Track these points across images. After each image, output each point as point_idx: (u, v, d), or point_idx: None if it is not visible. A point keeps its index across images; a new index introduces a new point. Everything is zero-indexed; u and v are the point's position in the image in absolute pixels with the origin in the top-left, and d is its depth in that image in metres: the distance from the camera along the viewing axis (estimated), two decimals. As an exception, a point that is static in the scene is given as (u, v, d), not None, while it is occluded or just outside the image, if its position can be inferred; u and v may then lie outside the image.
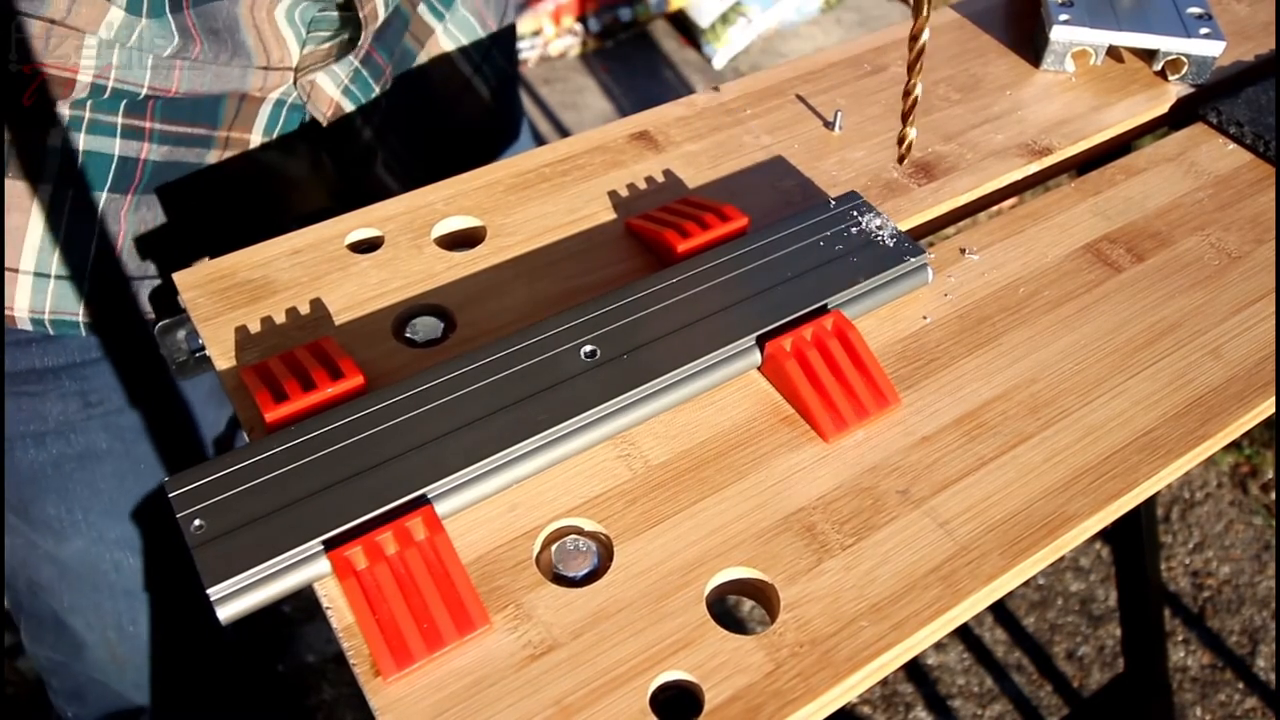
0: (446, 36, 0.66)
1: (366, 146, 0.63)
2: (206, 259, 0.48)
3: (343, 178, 0.64)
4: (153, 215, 0.57)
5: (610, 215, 0.52)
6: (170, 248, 0.59)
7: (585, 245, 0.50)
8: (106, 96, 0.52)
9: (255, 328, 0.46)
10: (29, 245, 0.54)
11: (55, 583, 0.69)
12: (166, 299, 0.59)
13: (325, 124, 0.59)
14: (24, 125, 0.51)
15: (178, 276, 0.47)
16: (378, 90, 0.60)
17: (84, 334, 0.59)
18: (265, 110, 0.56)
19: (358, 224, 0.50)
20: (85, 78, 0.50)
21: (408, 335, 0.46)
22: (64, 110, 0.51)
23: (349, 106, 0.59)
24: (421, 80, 0.64)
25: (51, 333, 0.58)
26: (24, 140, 0.52)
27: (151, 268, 0.59)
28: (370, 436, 0.39)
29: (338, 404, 0.41)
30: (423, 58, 0.65)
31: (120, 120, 0.53)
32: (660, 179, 0.54)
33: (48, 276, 0.56)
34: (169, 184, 0.56)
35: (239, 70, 0.54)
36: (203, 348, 0.46)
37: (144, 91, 0.52)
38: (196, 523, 0.36)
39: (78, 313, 0.58)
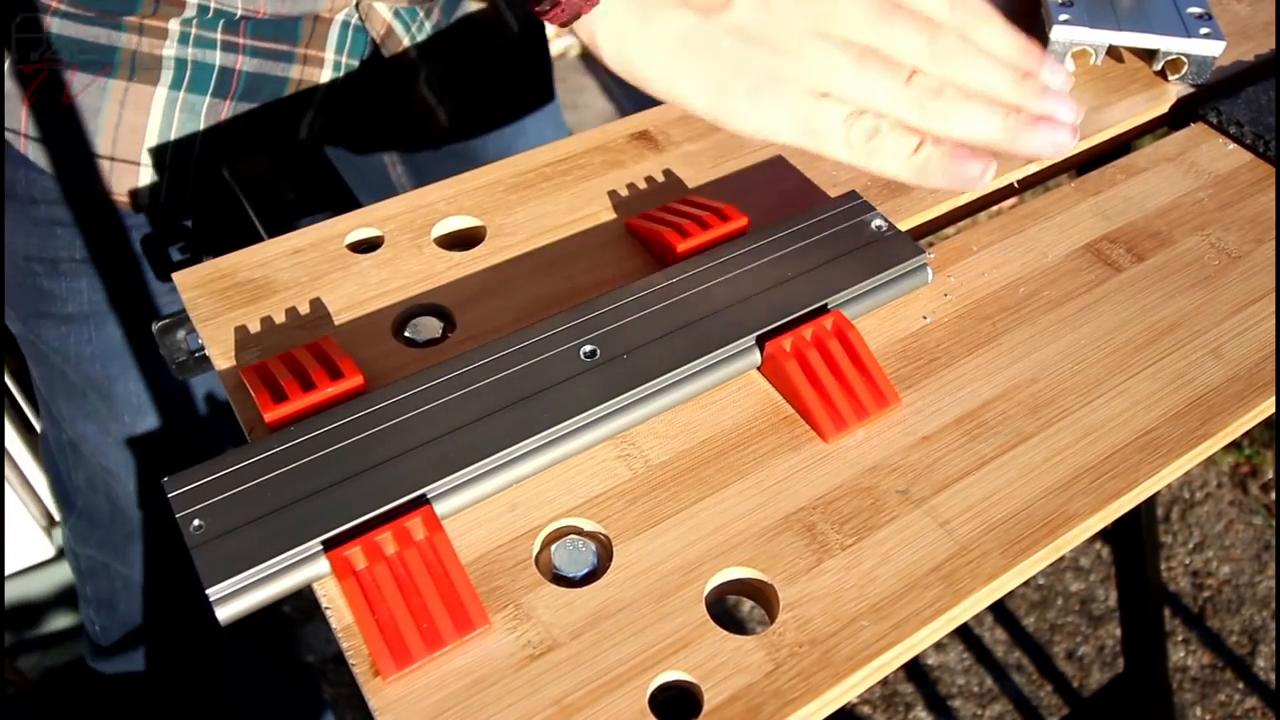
0: None
1: (411, 65, 0.71)
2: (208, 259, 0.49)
3: (394, 92, 0.73)
4: (248, 120, 0.65)
5: (610, 215, 0.52)
6: (259, 148, 0.68)
7: (585, 245, 0.50)
8: (209, 16, 0.60)
9: (255, 327, 0.46)
10: (147, 141, 0.63)
11: (122, 469, 0.73)
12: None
13: (379, 42, 0.68)
14: (143, 36, 0.60)
15: (177, 276, 0.47)
16: (422, 14, 0.69)
17: (188, 220, 0.67)
18: (334, 31, 0.65)
19: (357, 224, 0.50)
20: (192, 0, 0.59)
21: (408, 335, 0.46)
22: (175, 26, 0.60)
23: (399, 29, 0.68)
24: (459, 9, 0.73)
25: (161, 217, 0.66)
26: (143, 51, 0.60)
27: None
28: (370, 436, 0.39)
29: (337, 404, 0.41)
30: None
31: (219, 36, 0.61)
32: (660, 179, 0.54)
33: (163, 168, 0.64)
34: (264, 94, 0.65)
35: None
36: (202, 347, 0.46)
37: (239, 13, 0.61)
38: (196, 523, 0.36)
39: (184, 200, 0.66)
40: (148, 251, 0.68)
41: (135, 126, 0.62)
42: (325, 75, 0.66)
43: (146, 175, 0.64)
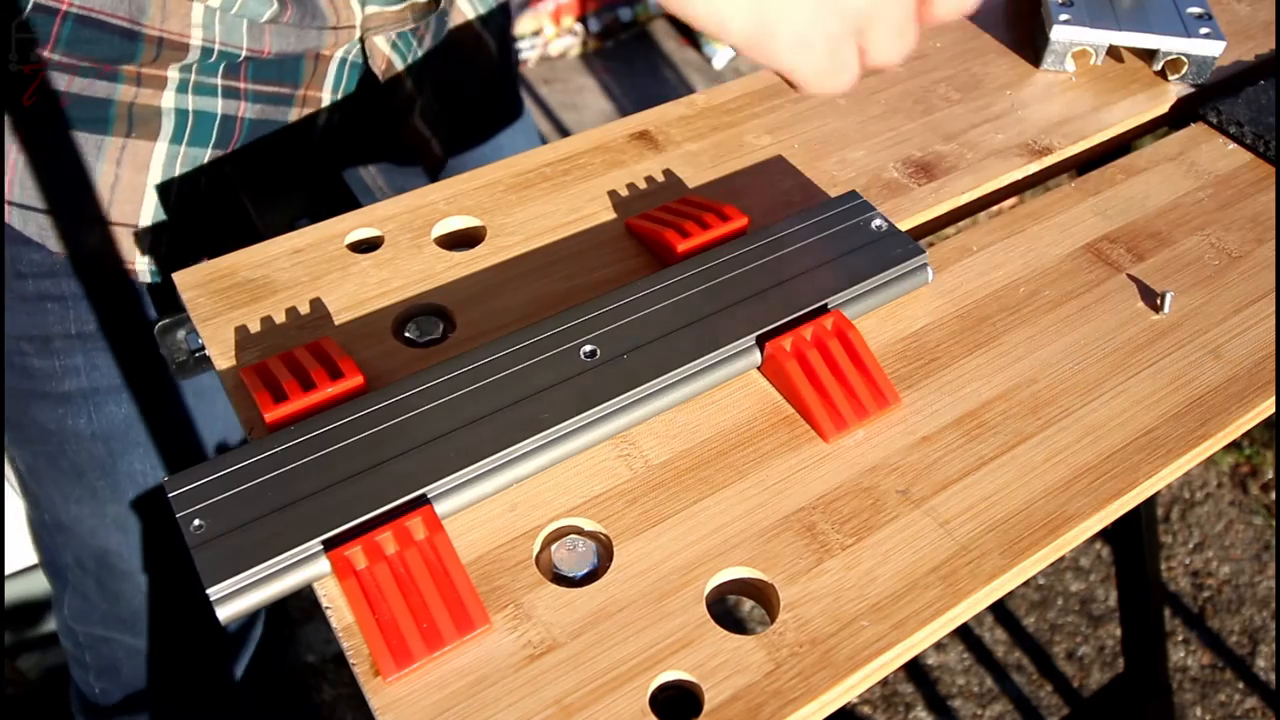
0: None
1: (408, 97, 0.68)
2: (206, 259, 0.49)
3: (389, 127, 0.70)
4: (247, 171, 0.62)
5: (610, 215, 0.52)
6: (266, 202, 0.65)
7: (585, 245, 0.50)
8: (212, 60, 0.57)
9: (255, 327, 0.46)
10: (147, 202, 0.59)
11: (123, 548, 0.72)
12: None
13: (381, 78, 0.65)
14: (141, 87, 0.56)
15: (177, 276, 0.47)
16: (415, 41, 0.65)
17: None
18: (333, 69, 0.62)
19: (358, 224, 0.50)
20: (195, 42, 0.55)
21: (407, 335, 0.46)
22: (173, 74, 0.57)
23: (397, 62, 0.65)
24: (445, 34, 0.70)
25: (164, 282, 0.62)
26: (140, 103, 0.57)
27: (260, 219, 0.65)
28: (370, 436, 0.39)
29: (337, 404, 0.41)
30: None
31: (220, 82, 0.58)
32: (660, 179, 0.54)
33: (163, 228, 0.60)
34: (264, 140, 0.62)
35: (315, 31, 0.59)
36: (202, 347, 0.46)
37: (242, 54, 0.57)
38: (196, 523, 0.36)
39: (186, 260, 0.63)
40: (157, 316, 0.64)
41: (134, 185, 0.58)
42: (321, 118, 0.63)
43: (146, 237, 0.60)
